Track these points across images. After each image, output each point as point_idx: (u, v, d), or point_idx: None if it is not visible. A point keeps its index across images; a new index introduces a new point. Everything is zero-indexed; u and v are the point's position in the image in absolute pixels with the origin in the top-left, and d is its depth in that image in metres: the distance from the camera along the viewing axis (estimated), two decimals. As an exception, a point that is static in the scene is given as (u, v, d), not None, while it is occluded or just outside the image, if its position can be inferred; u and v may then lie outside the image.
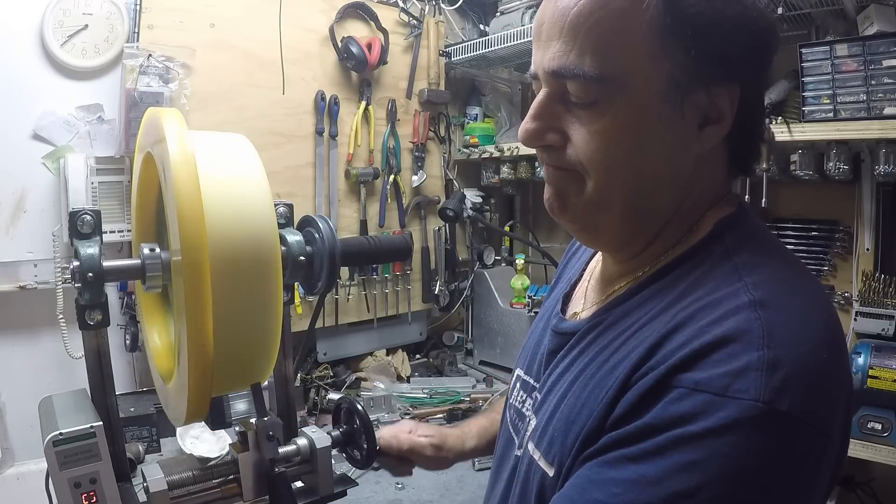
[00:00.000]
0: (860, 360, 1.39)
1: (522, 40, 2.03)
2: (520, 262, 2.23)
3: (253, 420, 0.67)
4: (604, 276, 0.69)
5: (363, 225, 2.14)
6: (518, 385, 0.76)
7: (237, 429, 0.69)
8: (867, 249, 1.66)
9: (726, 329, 0.48)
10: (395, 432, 0.93)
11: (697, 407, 0.46)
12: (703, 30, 0.53)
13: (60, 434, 0.59)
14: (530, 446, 0.64)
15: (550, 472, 0.58)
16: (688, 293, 0.55)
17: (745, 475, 0.45)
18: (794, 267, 0.58)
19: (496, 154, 2.29)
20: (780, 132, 1.55)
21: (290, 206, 0.73)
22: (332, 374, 2.07)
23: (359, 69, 2.05)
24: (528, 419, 0.69)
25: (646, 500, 0.46)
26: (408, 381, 2.15)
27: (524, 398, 0.73)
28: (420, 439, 0.93)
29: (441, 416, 1.88)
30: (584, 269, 0.78)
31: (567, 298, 0.76)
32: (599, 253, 0.74)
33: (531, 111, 0.60)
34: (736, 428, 0.45)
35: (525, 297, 2.19)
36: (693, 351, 0.48)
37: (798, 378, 0.46)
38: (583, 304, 0.71)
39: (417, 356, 2.35)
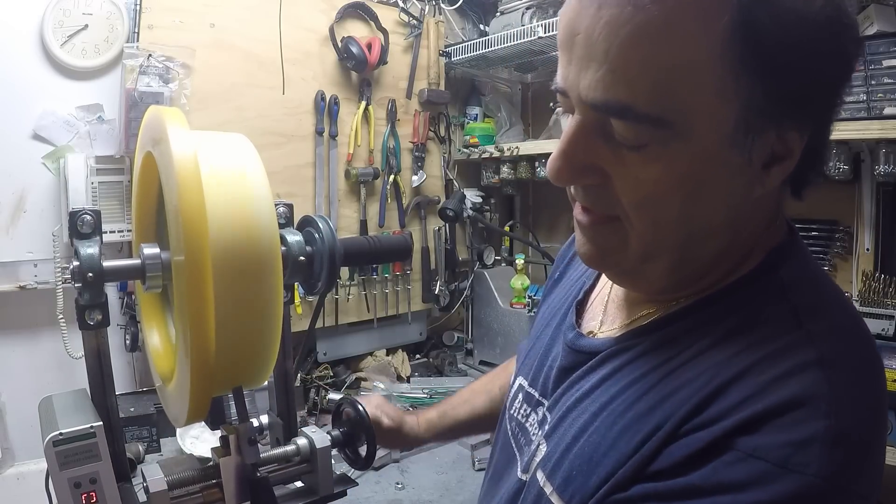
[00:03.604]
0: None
1: (522, 40, 2.03)
2: (520, 262, 2.23)
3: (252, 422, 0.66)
4: (629, 294, 0.63)
5: (363, 225, 2.14)
6: (520, 396, 0.71)
7: (220, 432, 0.68)
8: (867, 249, 1.66)
9: (793, 391, 0.44)
10: (362, 401, 0.94)
11: (752, 476, 0.42)
12: (785, 64, 0.44)
13: (60, 434, 0.59)
14: (539, 476, 0.58)
15: None
16: (741, 333, 0.49)
17: None
18: (848, 309, 0.54)
19: (496, 154, 2.28)
20: (781, 132, 1.55)
21: (290, 206, 0.73)
22: (332, 374, 2.07)
23: (359, 69, 2.05)
24: (535, 442, 0.63)
25: None
26: (408, 381, 2.16)
27: (528, 412, 0.68)
28: (382, 417, 0.93)
29: (441, 416, 1.87)
30: (598, 275, 0.71)
31: (580, 307, 0.69)
32: None
33: (562, 144, 0.49)
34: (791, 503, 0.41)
35: (525, 297, 2.18)
36: (756, 413, 0.44)
37: (859, 453, 0.44)
38: (601, 320, 0.65)
39: (417, 356, 2.35)
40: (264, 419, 0.82)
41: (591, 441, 0.53)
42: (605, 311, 0.65)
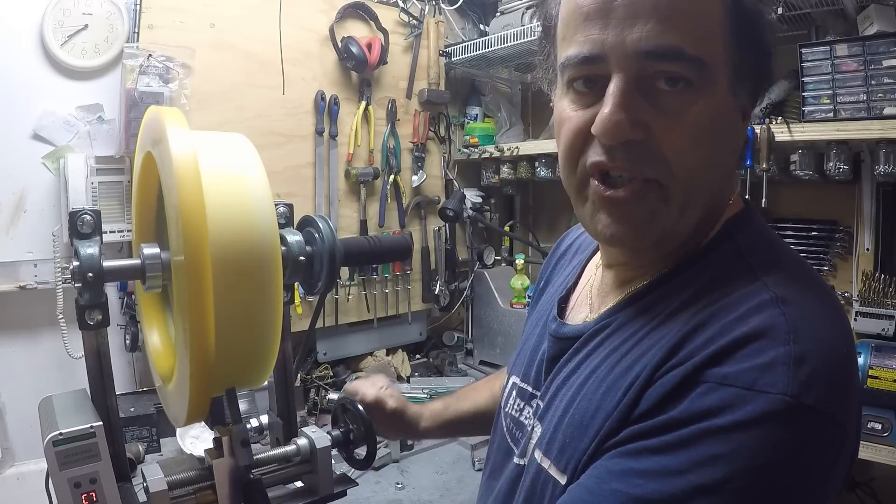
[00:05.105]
0: (860, 360, 1.39)
1: (522, 40, 2.03)
2: (520, 262, 2.23)
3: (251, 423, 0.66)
4: (614, 280, 0.66)
5: (363, 225, 2.14)
6: (514, 393, 0.74)
7: (213, 434, 0.67)
8: (867, 249, 1.66)
9: (752, 325, 0.48)
10: (366, 382, 0.95)
11: (725, 400, 0.46)
12: (758, 26, 0.55)
13: (60, 434, 0.59)
14: (537, 454, 0.62)
15: (563, 480, 0.57)
16: (704, 293, 0.54)
17: (771, 469, 0.44)
18: (803, 266, 0.59)
19: (496, 154, 2.29)
20: (780, 132, 1.55)
21: (290, 206, 0.73)
22: (332, 374, 2.07)
23: (359, 69, 2.05)
24: (530, 427, 0.66)
25: (669, 493, 0.46)
26: (408, 381, 2.16)
27: (522, 406, 0.71)
28: (386, 399, 0.93)
29: (441, 416, 1.87)
30: (580, 272, 0.76)
31: (563, 302, 0.73)
32: (598, 256, 0.72)
33: (615, 100, 0.53)
34: (763, 421, 0.45)
35: (525, 297, 2.19)
36: (720, 347, 0.48)
37: (823, 373, 0.46)
38: (589, 308, 0.68)
39: (417, 356, 2.35)
40: (264, 419, 0.82)
41: (580, 408, 0.57)
42: (592, 301, 0.69)
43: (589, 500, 0.50)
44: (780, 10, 1.53)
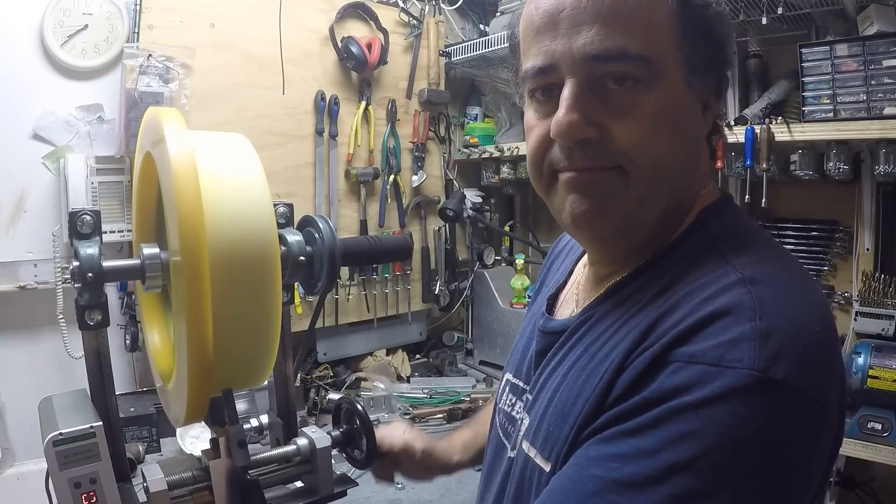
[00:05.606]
0: (860, 360, 1.39)
1: (522, 40, 2.03)
2: (520, 262, 2.23)
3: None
4: (595, 276, 0.68)
5: (363, 225, 2.14)
6: (507, 389, 0.75)
7: (210, 435, 0.67)
8: (867, 249, 1.66)
9: (718, 305, 0.49)
10: (390, 430, 0.94)
11: (692, 378, 0.46)
12: (707, 17, 0.58)
13: (60, 434, 0.59)
14: (525, 445, 0.63)
15: (547, 468, 0.58)
16: (677, 281, 0.55)
17: (744, 444, 0.44)
18: (778, 251, 0.59)
19: (496, 154, 2.29)
20: (780, 132, 1.55)
21: (290, 206, 0.73)
22: (332, 374, 2.07)
23: (359, 69, 2.05)
24: (519, 420, 0.68)
25: (644, 473, 0.46)
26: (408, 381, 2.16)
27: (514, 401, 0.72)
28: (414, 443, 0.93)
29: (441, 416, 1.87)
30: (570, 272, 0.78)
31: (553, 300, 0.75)
32: (587, 255, 0.73)
33: (567, 102, 0.56)
34: (732, 396, 0.45)
35: (525, 297, 2.19)
36: (687, 327, 0.49)
37: (792, 348, 0.46)
38: (575, 304, 0.70)
39: (417, 356, 2.35)
40: (264, 419, 0.82)
41: (562, 397, 0.59)
42: (578, 298, 0.70)
43: (570, 487, 0.51)
44: (780, 10, 1.53)
